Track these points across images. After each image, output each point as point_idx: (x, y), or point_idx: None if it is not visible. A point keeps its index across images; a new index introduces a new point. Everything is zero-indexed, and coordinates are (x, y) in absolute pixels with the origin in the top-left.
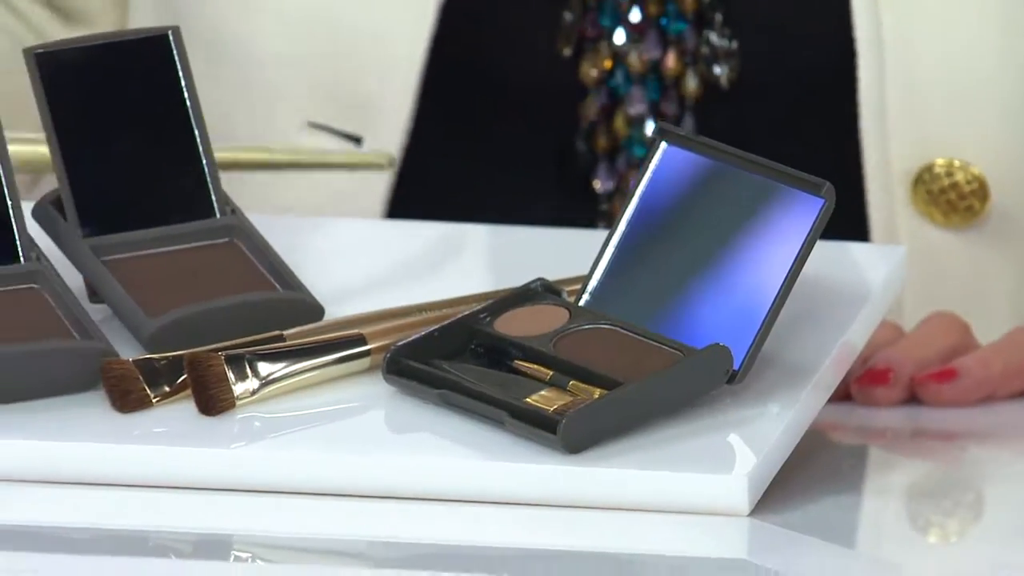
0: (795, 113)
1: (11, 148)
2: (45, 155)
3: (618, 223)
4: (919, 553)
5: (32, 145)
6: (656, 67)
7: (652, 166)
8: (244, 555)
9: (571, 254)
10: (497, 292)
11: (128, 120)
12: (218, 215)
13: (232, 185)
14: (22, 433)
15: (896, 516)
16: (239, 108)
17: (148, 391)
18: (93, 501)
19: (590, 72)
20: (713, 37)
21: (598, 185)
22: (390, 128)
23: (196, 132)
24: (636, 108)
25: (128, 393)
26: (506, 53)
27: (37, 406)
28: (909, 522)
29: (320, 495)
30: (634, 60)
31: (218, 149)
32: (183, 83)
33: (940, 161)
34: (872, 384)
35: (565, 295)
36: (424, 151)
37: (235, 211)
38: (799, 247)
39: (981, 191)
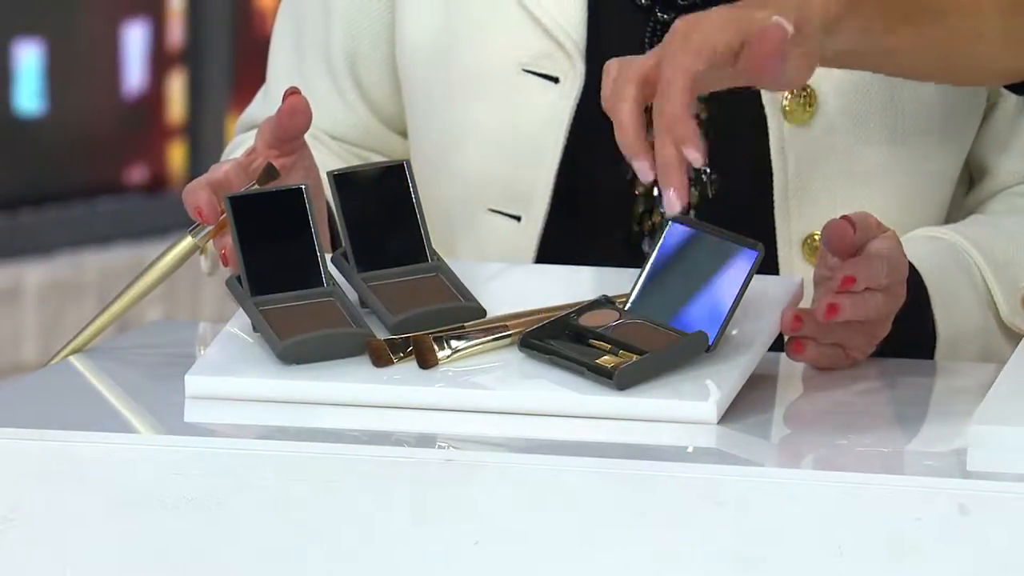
0: (745, 209)
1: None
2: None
3: (645, 264)
4: (804, 436)
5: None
6: None
7: (664, 234)
8: (444, 444)
9: (623, 282)
10: (581, 302)
11: (380, 211)
12: (430, 261)
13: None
14: (324, 378)
15: (808, 422)
16: (443, 197)
17: (392, 355)
18: (361, 415)
19: (639, 188)
20: (706, 172)
21: (645, 248)
22: (536, 212)
23: (419, 217)
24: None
25: (380, 357)
26: (595, 176)
27: (331, 364)
28: (815, 420)
29: (484, 412)
30: None
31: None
32: (412, 190)
33: (816, 233)
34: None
35: (617, 303)
36: (552, 229)
37: (440, 259)
38: (744, 277)
39: None
